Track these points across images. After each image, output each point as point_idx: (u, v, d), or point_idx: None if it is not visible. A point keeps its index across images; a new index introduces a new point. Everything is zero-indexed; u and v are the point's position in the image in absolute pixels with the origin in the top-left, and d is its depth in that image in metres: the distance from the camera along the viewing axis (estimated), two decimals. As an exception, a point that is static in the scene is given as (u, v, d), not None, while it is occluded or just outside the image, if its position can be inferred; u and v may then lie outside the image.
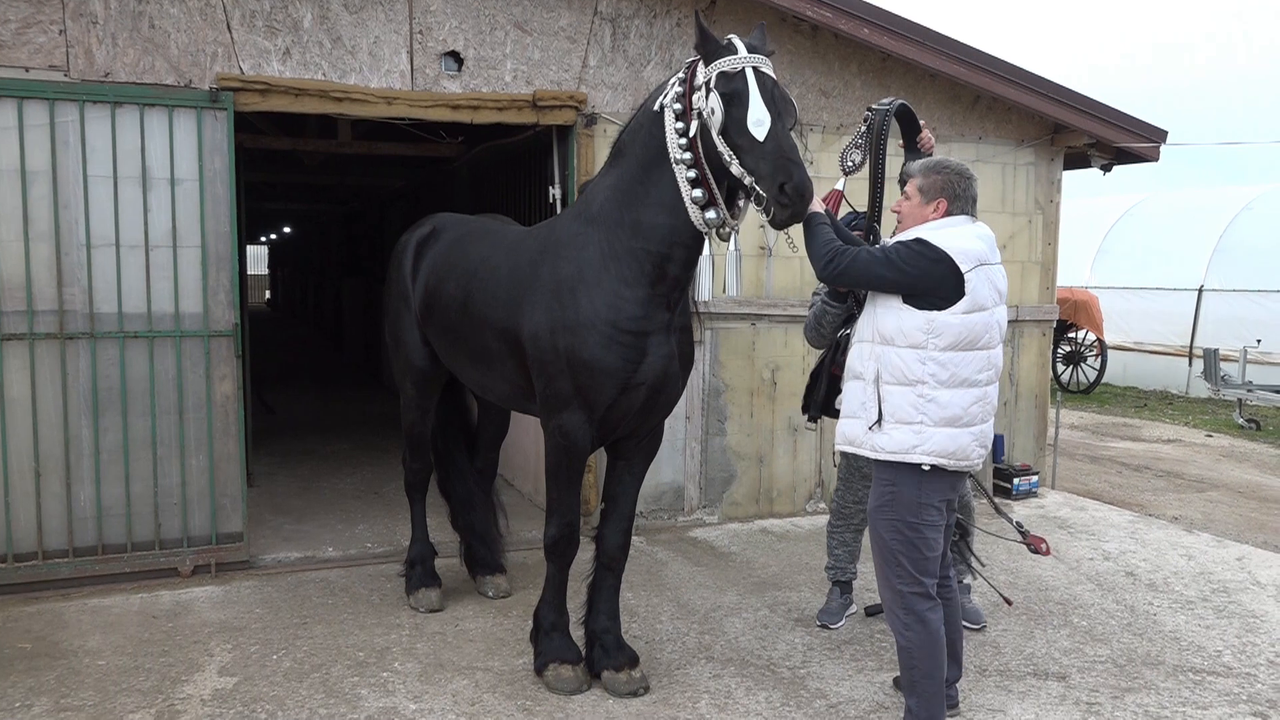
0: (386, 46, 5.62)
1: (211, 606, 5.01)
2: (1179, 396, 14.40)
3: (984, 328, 3.43)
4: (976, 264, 3.42)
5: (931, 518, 3.50)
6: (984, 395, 3.48)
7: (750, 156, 3.48)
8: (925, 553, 3.50)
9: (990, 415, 3.55)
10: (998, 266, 3.54)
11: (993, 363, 3.51)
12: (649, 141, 3.83)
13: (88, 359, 5.16)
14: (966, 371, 3.40)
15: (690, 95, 3.66)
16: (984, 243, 3.53)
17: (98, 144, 5.09)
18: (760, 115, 3.45)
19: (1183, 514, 7.41)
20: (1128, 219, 16.81)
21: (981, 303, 3.41)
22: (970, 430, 3.44)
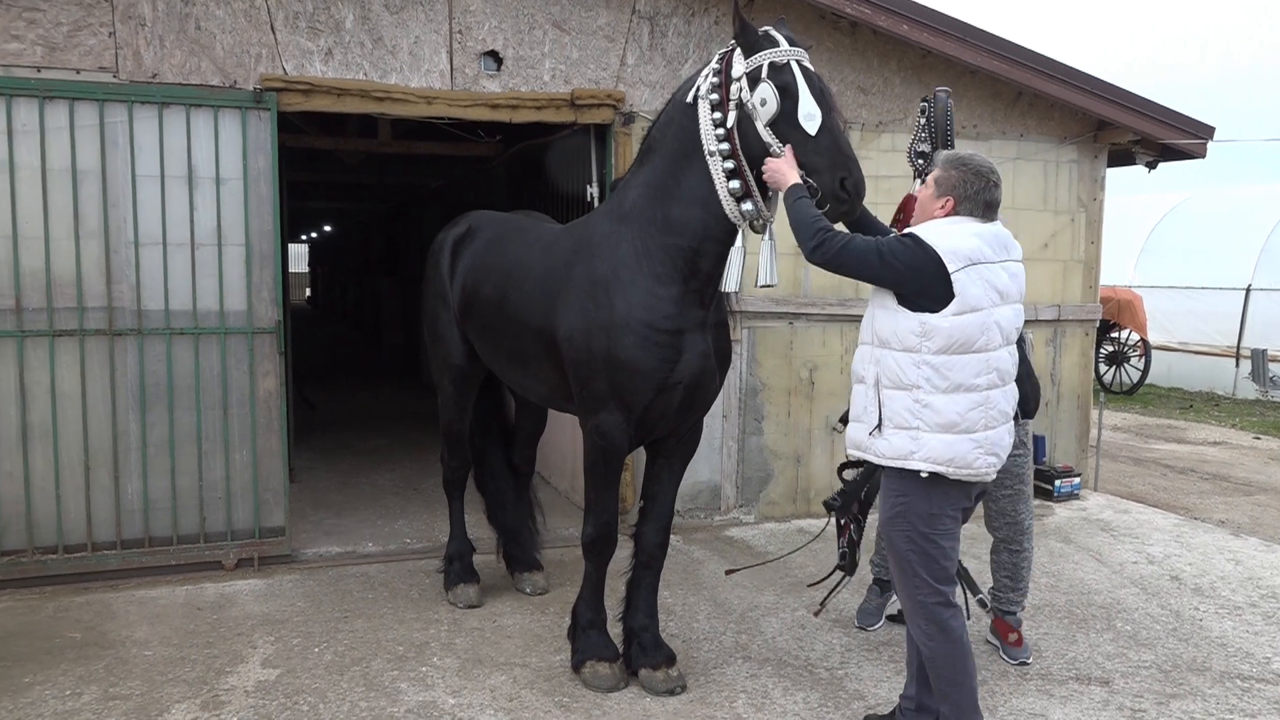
0: (426, 46, 5.66)
1: (254, 599, 5.08)
2: (1225, 398, 14.12)
3: (979, 329, 3.21)
4: (966, 263, 3.22)
5: (945, 526, 3.36)
6: (985, 400, 3.24)
7: (803, 150, 3.47)
8: (942, 562, 3.39)
9: (999, 421, 3.30)
10: (998, 265, 3.28)
11: (993, 366, 3.25)
12: (680, 135, 3.82)
13: (135, 355, 5.26)
14: (962, 376, 3.21)
15: (727, 86, 3.64)
16: (980, 240, 3.29)
17: (145, 144, 5.19)
18: (810, 109, 3.45)
19: (1229, 518, 7.27)
20: (1172, 217, 16.50)
21: (974, 304, 3.21)
22: (971, 437, 3.23)
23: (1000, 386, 3.29)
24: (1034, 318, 7.28)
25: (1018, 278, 3.37)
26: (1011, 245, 3.39)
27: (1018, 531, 4.46)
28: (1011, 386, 3.37)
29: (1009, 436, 3.37)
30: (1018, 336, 3.40)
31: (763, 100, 3.52)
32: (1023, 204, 7.22)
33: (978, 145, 7.02)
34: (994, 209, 3.40)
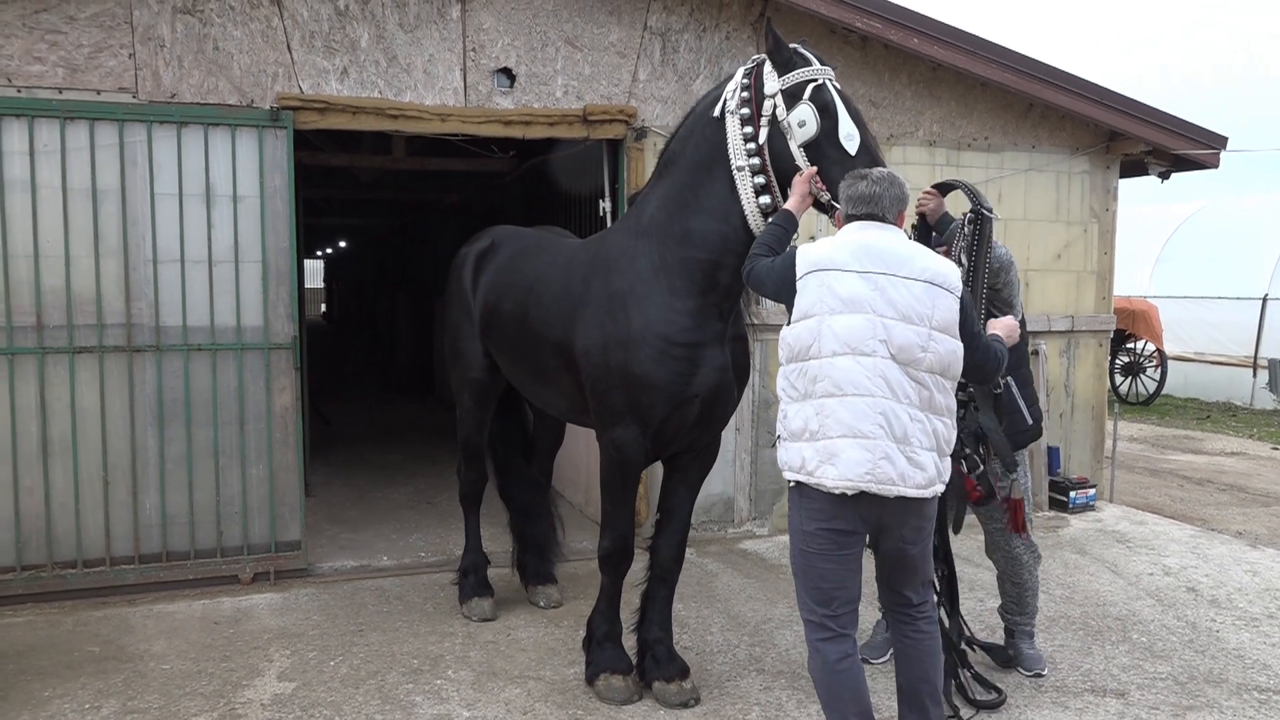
0: (440, 64, 5.73)
1: (271, 613, 5.12)
2: (1243, 408, 14.02)
3: (811, 335, 3.16)
4: (809, 269, 3.19)
5: (817, 545, 3.22)
6: (821, 408, 3.14)
7: (838, 169, 3.51)
8: (818, 583, 3.26)
9: (839, 433, 3.11)
10: (854, 274, 3.14)
11: (826, 374, 3.13)
12: (702, 148, 3.85)
13: (154, 371, 5.33)
14: (802, 383, 3.19)
15: (759, 101, 3.67)
16: (839, 248, 3.20)
17: (164, 163, 5.26)
18: (850, 129, 3.52)
19: (1247, 529, 7.22)
20: (1188, 227, 16.43)
21: (808, 310, 3.18)
22: (813, 444, 3.15)
23: (836, 396, 3.12)
24: (1047, 329, 7.28)
25: (887, 290, 3.13)
26: (896, 259, 3.18)
27: (1014, 565, 4.38)
28: (865, 400, 3.09)
29: (866, 454, 3.09)
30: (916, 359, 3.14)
31: (801, 121, 3.56)
32: (1035, 215, 7.23)
33: (989, 157, 7.04)
34: (864, 202, 3.26)
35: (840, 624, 3.28)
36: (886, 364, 3.11)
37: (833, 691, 3.29)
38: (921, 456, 3.15)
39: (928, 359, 3.14)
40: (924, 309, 3.14)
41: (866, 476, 3.10)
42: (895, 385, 3.12)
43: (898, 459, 3.11)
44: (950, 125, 6.90)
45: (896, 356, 3.12)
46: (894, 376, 3.12)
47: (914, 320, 3.13)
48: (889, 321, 3.12)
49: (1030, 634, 4.47)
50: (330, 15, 5.50)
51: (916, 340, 3.13)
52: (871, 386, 3.11)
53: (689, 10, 6.21)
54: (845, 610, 3.28)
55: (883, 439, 3.10)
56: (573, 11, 5.95)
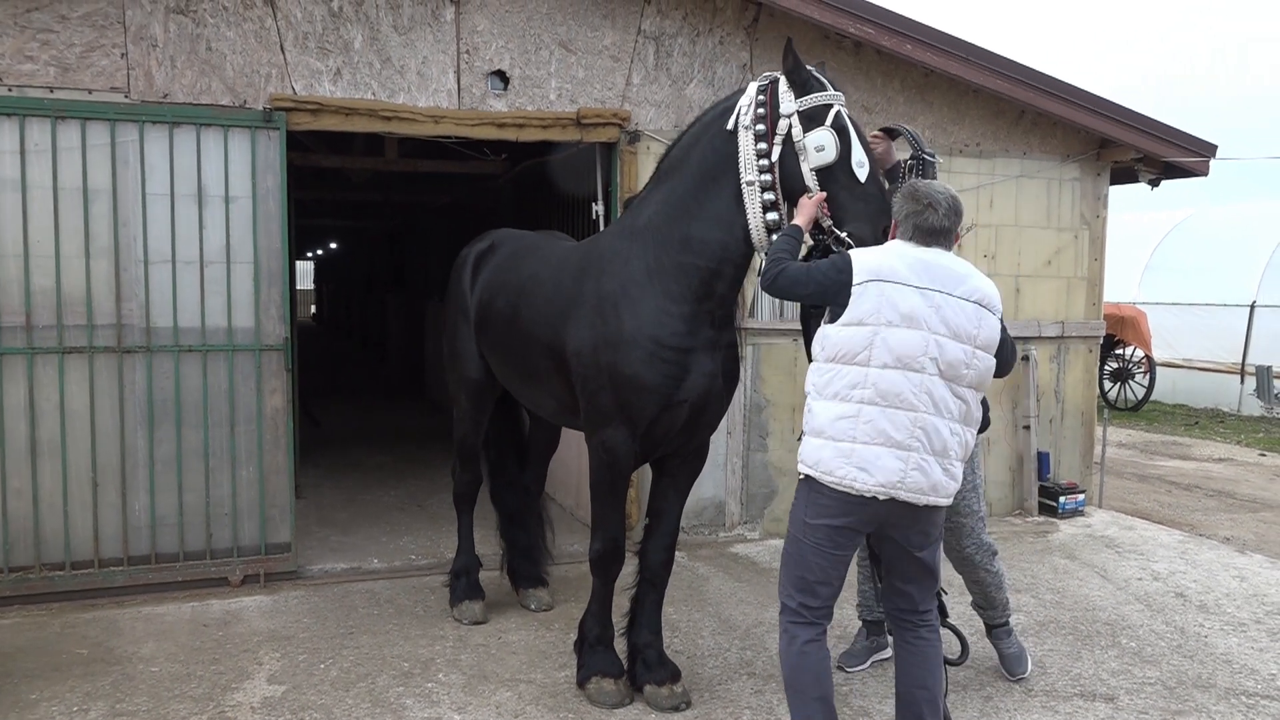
0: (434, 66, 5.72)
1: (261, 615, 5.10)
2: (1230, 414, 14.11)
3: (862, 343, 3.20)
4: (869, 278, 3.23)
5: (816, 539, 3.30)
6: (857, 413, 3.20)
7: (847, 194, 3.58)
8: (804, 573, 3.34)
9: (874, 440, 3.18)
10: (912, 289, 3.20)
11: (872, 382, 3.19)
12: (710, 157, 3.86)
13: (144, 372, 5.30)
14: (838, 385, 3.24)
15: (774, 120, 3.69)
16: (900, 260, 3.25)
17: (156, 163, 5.25)
18: (861, 157, 3.59)
19: (1235, 534, 7.26)
20: (1177, 234, 16.54)
21: (861, 317, 3.21)
22: (835, 445, 3.22)
23: (879, 405, 3.18)
24: (1038, 334, 7.31)
25: (943, 308, 3.19)
26: (952, 278, 3.24)
27: (967, 565, 4.35)
28: (908, 414, 3.18)
29: (900, 464, 3.17)
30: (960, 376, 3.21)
31: (820, 146, 3.59)
32: (1026, 221, 7.26)
33: (981, 163, 7.07)
34: (933, 235, 3.29)
35: (816, 614, 3.37)
36: (933, 380, 3.21)
37: (797, 673, 3.38)
38: (956, 467, 3.29)
39: (970, 375, 3.26)
40: (972, 328, 3.25)
41: (898, 485, 3.19)
42: (939, 401, 3.22)
43: (933, 470, 3.22)
44: (942, 131, 6.93)
45: (945, 373, 3.22)
46: (939, 392, 3.22)
47: (962, 339, 3.24)
48: (942, 339, 3.22)
49: (1005, 628, 4.44)
50: (324, 16, 5.49)
51: (963, 358, 3.23)
52: (916, 401, 3.20)
53: (682, 15, 6.23)
54: (823, 604, 3.38)
55: (919, 451, 3.21)
56: (567, 15, 5.96)
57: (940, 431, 3.21)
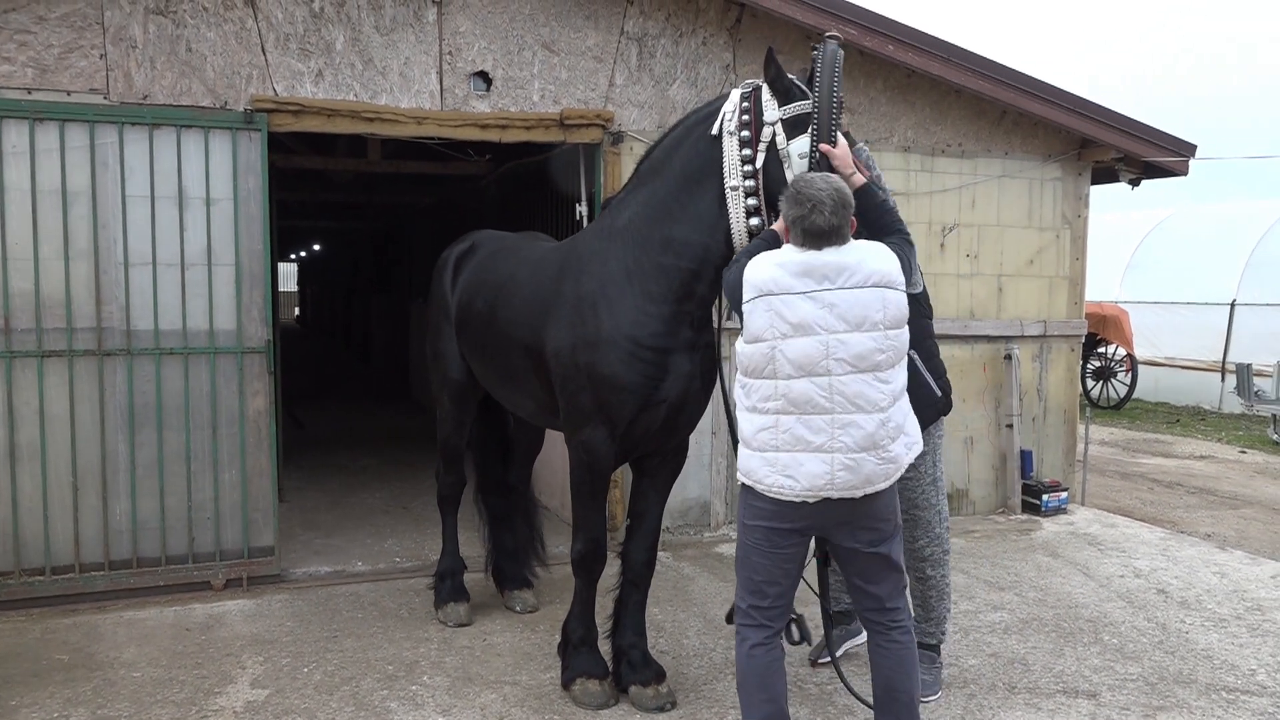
0: (417, 67, 5.71)
1: (243, 619, 5.07)
2: (1211, 412, 14.22)
3: (763, 359, 3.21)
4: (755, 294, 3.24)
5: (754, 540, 3.35)
6: (775, 424, 3.22)
7: None
8: (749, 573, 3.39)
9: (794, 447, 3.19)
10: (798, 296, 3.17)
11: (781, 393, 3.19)
12: (694, 161, 3.87)
13: (124, 375, 5.27)
14: (754, 398, 3.28)
15: (757, 126, 3.70)
16: (783, 270, 3.23)
17: (136, 165, 5.21)
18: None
19: (1216, 531, 7.31)
20: (1158, 233, 16.66)
21: (759, 334, 3.22)
22: (761, 455, 3.26)
23: (793, 413, 3.19)
24: (1020, 333, 7.35)
25: (837, 305, 3.16)
26: (842, 271, 3.19)
27: (917, 559, 4.22)
28: (823, 418, 3.16)
29: (825, 466, 3.16)
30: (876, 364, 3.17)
31: (802, 154, 3.61)
32: (1008, 221, 7.30)
33: (963, 163, 7.10)
34: (822, 237, 3.21)
35: (766, 616, 3.38)
36: (843, 380, 3.16)
37: (745, 676, 3.41)
38: (893, 450, 3.21)
39: (889, 358, 3.21)
40: (876, 314, 3.19)
41: (826, 487, 3.18)
42: (854, 397, 3.17)
43: (864, 465, 3.18)
44: (924, 131, 6.96)
45: (857, 367, 3.17)
46: (853, 389, 3.17)
47: (866, 327, 3.18)
48: (843, 336, 3.16)
49: (932, 646, 4.22)
50: (305, 17, 5.47)
51: (874, 345, 3.18)
52: (828, 404, 3.17)
53: (665, 15, 6.23)
54: (772, 604, 3.38)
55: (843, 451, 3.17)
56: (549, 16, 5.96)
57: (863, 427, 3.17)
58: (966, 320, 7.19)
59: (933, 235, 7.07)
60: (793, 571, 3.39)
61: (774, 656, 3.38)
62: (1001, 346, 7.31)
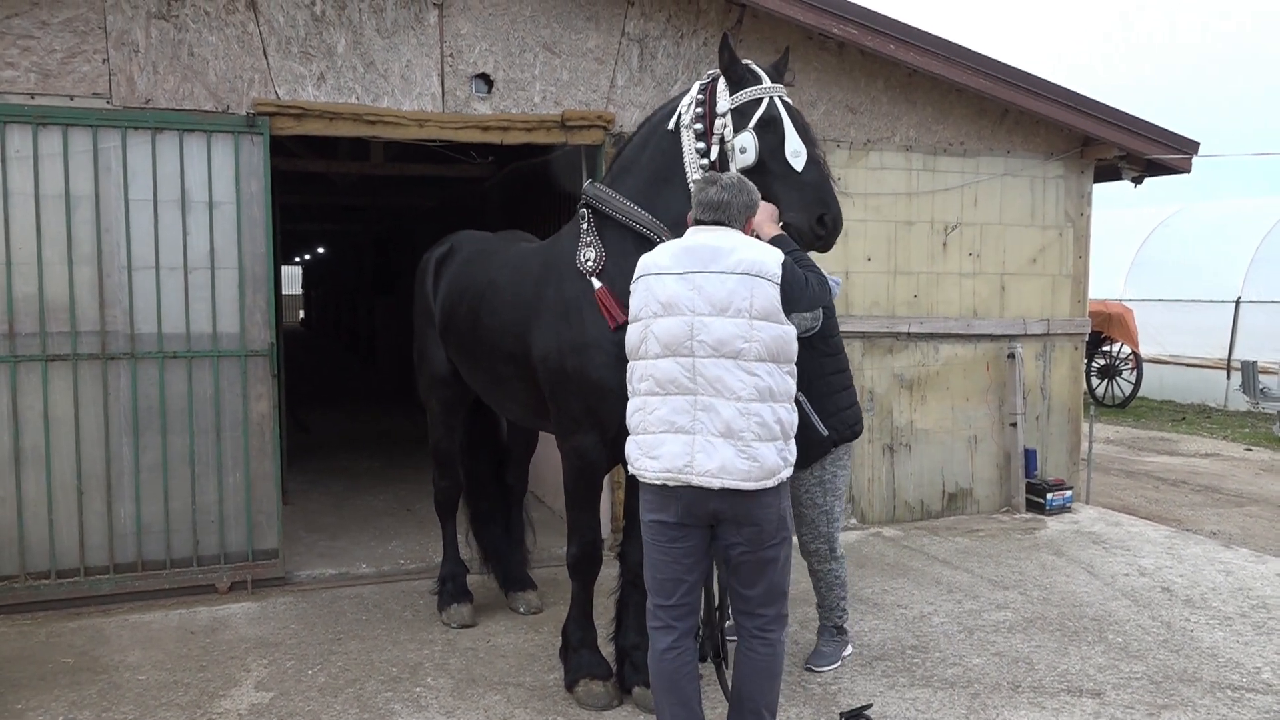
0: (418, 70, 5.72)
1: (248, 622, 5.08)
2: (1217, 410, 14.19)
3: (638, 338, 3.32)
4: (640, 274, 3.38)
5: (650, 535, 3.35)
6: (643, 404, 3.29)
7: (783, 184, 3.57)
8: (653, 571, 3.39)
9: (659, 429, 3.23)
10: (673, 276, 3.24)
11: (649, 373, 3.26)
12: (658, 159, 3.90)
13: (128, 379, 5.28)
14: (633, 381, 3.36)
15: (711, 118, 3.70)
16: (667, 253, 3.34)
17: (139, 169, 5.23)
18: (797, 146, 3.60)
19: (1221, 529, 7.30)
20: (1162, 231, 16.62)
21: (636, 313, 3.35)
22: (635, 438, 3.32)
23: (659, 394, 3.24)
24: (1023, 332, 7.34)
25: (704, 288, 3.19)
26: (715, 255, 3.23)
27: (804, 553, 4.45)
28: (686, 398, 3.20)
29: (684, 447, 3.19)
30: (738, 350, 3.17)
31: (742, 149, 3.62)
32: (1010, 220, 7.29)
33: (965, 162, 7.09)
34: (713, 208, 3.31)
35: (672, 615, 3.36)
36: (704, 362, 3.20)
37: (655, 682, 3.42)
38: (758, 449, 3.17)
39: (754, 348, 3.19)
40: (741, 301, 3.19)
41: (685, 469, 3.19)
42: (715, 381, 3.19)
43: (721, 451, 3.16)
44: (926, 130, 6.95)
45: (718, 351, 3.19)
46: (713, 373, 3.19)
47: (730, 313, 3.19)
48: (705, 319, 3.20)
49: (829, 629, 4.50)
50: (306, 21, 5.48)
51: (737, 332, 3.18)
52: (691, 384, 3.22)
53: (666, 16, 6.23)
54: (677, 603, 3.35)
55: (703, 433, 3.19)
56: (550, 18, 5.96)
57: (721, 412, 3.16)
58: (969, 319, 7.17)
59: (935, 234, 7.06)
60: (694, 569, 3.36)
61: (684, 660, 3.37)
62: (1004, 345, 7.30)
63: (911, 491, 7.12)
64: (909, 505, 7.12)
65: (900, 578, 5.79)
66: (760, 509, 3.23)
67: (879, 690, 4.26)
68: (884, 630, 4.94)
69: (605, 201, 3.99)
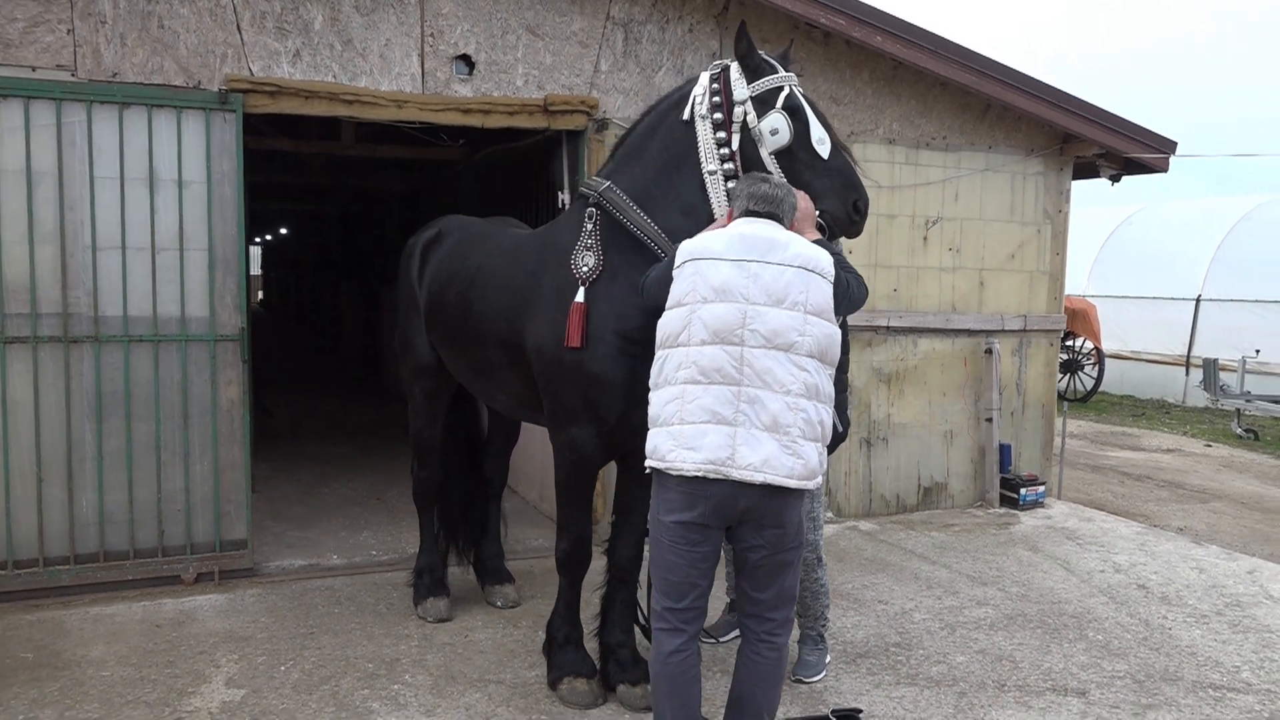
0: (398, 49, 5.55)
1: (216, 615, 4.93)
2: (1176, 405, 14.41)
3: (681, 324, 3.17)
4: (686, 259, 3.24)
5: (669, 537, 3.20)
6: (681, 393, 3.11)
7: (812, 172, 3.55)
8: (665, 573, 3.24)
9: (699, 418, 3.09)
10: (728, 262, 3.16)
11: (693, 360, 3.12)
12: (671, 148, 3.81)
13: (91, 363, 5.08)
14: (667, 370, 3.19)
15: (729, 107, 3.63)
16: (718, 239, 3.25)
17: (105, 145, 5.02)
18: (820, 134, 3.60)
19: (1187, 525, 7.39)
20: (1125, 229, 16.84)
21: (680, 298, 3.21)
22: (668, 429, 3.13)
23: (701, 382, 3.10)
24: (1001, 328, 7.35)
25: (761, 277, 3.13)
26: (773, 246, 3.18)
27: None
28: (730, 388, 3.08)
29: (727, 439, 3.05)
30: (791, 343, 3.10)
31: (774, 129, 3.57)
32: (990, 215, 7.29)
33: (947, 156, 7.07)
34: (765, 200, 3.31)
35: (681, 619, 3.26)
36: (754, 352, 3.11)
37: (659, 684, 3.31)
38: (803, 446, 3.10)
39: (806, 343, 3.14)
40: (797, 294, 3.15)
41: (727, 461, 3.06)
42: (763, 373, 3.10)
43: (765, 445, 3.06)
44: (910, 124, 6.92)
45: (771, 342, 3.11)
46: (762, 364, 3.10)
47: (786, 305, 3.14)
48: (760, 309, 3.13)
49: (813, 638, 4.38)
50: (282, -5, 5.29)
51: (792, 324, 3.13)
52: (737, 374, 3.11)
53: (652, 1, 6.12)
54: (689, 606, 3.26)
55: (746, 425, 3.08)
56: (534, -1, 5.82)
57: (768, 405, 3.07)
58: (948, 314, 7.17)
59: (916, 228, 7.03)
60: (708, 572, 3.28)
61: (691, 664, 3.27)
62: (982, 341, 7.31)
63: (888, 485, 7.11)
64: (885, 499, 7.11)
65: (879, 573, 5.77)
66: (790, 510, 3.17)
67: (865, 689, 4.23)
68: (867, 627, 4.91)
69: (621, 209, 3.83)
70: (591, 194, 3.93)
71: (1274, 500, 8.46)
